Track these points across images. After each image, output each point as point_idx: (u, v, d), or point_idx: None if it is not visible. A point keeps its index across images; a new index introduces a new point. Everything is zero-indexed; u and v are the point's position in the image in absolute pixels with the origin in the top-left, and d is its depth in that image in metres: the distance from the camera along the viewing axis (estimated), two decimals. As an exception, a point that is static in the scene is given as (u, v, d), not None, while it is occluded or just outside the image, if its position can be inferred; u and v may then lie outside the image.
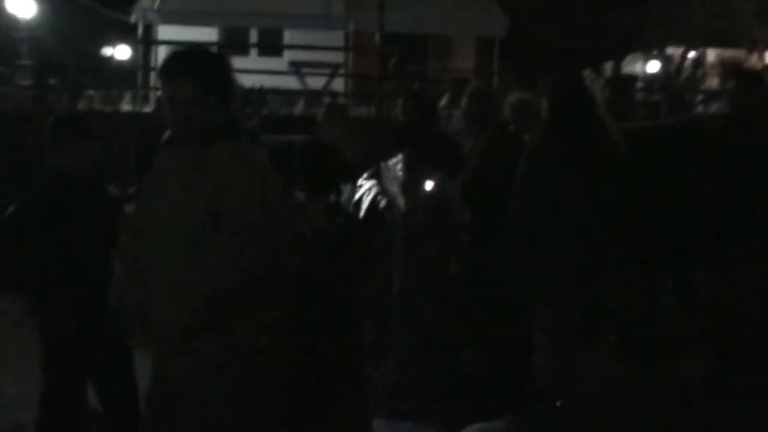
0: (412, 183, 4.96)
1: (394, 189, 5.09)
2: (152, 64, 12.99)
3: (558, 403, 3.91)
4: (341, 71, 12.91)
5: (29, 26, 15.87)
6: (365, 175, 5.25)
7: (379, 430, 4.16)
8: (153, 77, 13.14)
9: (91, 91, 13.09)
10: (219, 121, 2.82)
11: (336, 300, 3.96)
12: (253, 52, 15.27)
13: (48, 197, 3.61)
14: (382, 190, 5.16)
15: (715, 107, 9.02)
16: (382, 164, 5.24)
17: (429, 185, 4.89)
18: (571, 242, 3.99)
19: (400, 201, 5.04)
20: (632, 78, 9.03)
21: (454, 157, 5.03)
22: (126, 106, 12.86)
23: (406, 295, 5.01)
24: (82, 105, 12.59)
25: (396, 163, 5.14)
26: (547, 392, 4.00)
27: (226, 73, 2.91)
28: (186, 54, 2.91)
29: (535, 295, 4.15)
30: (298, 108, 11.83)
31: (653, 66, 16.37)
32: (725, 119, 4.85)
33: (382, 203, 5.11)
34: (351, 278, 4.00)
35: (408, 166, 5.05)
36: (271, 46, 15.06)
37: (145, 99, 12.60)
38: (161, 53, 12.25)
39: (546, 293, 4.09)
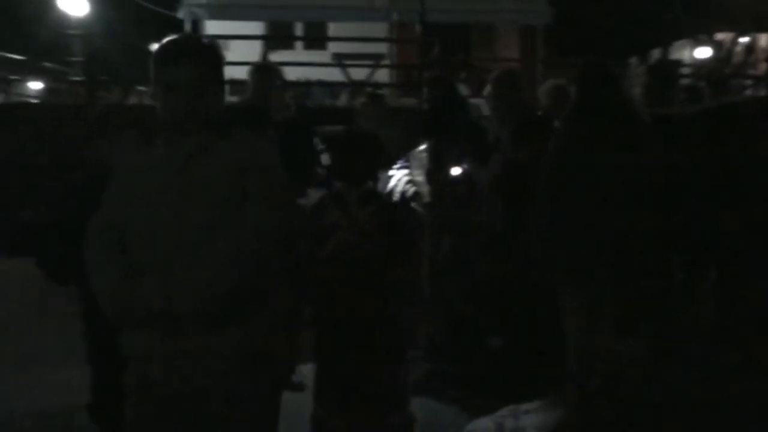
0: (436, 171, 4.99)
1: (420, 178, 5.13)
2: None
3: (590, 386, 3.94)
4: (384, 62, 12.98)
5: (81, 23, 16.21)
6: (397, 165, 5.31)
7: (415, 411, 4.23)
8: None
9: (140, 87, 13.34)
10: (219, 110, 2.77)
11: (372, 285, 4.04)
12: (299, 45, 15.43)
13: (96, 187, 3.73)
14: (411, 179, 5.21)
15: (764, 92, 8.89)
16: (412, 153, 5.29)
17: (455, 172, 4.91)
18: (601, 226, 4.02)
19: (425, 189, 5.08)
20: (675, 63, 8.93)
21: (482, 144, 5.05)
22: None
23: (434, 283, 5.06)
24: (132, 100, 12.86)
25: (422, 152, 5.18)
26: (578, 375, 4.03)
27: (221, 63, 2.86)
28: (185, 40, 2.88)
29: (566, 278, 4.17)
30: (342, 100, 11.93)
31: (703, 52, 16.11)
32: (760, 103, 4.81)
33: (410, 192, 5.16)
34: (386, 264, 4.07)
35: (432, 154, 5.08)
36: (315, 38, 15.19)
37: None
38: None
39: (576, 276, 4.12)
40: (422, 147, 5.22)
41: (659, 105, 4.73)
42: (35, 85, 17.09)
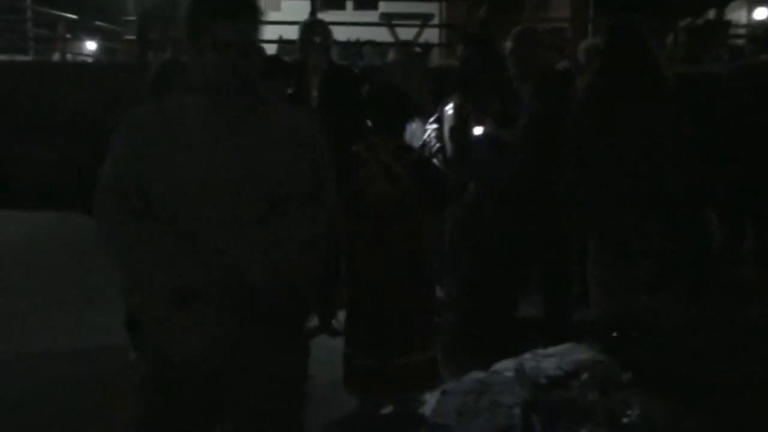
0: (458, 129, 5.04)
1: (447, 134, 5.19)
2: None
3: (614, 334, 4.02)
4: (432, 22, 12.95)
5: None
6: (431, 120, 5.37)
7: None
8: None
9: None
10: (258, 74, 2.60)
11: (404, 235, 4.15)
12: (349, 5, 15.46)
13: None
14: (438, 135, 5.27)
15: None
16: (443, 109, 5.34)
17: (477, 131, 4.95)
18: (628, 175, 4.08)
19: (449, 146, 5.13)
20: (719, 24, 8.76)
21: (508, 102, 5.06)
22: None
23: (451, 241, 5.14)
24: (183, 59, 13.02)
25: (450, 109, 5.23)
26: (602, 323, 4.12)
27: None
28: None
29: (593, 229, 4.25)
30: (390, 58, 11.95)
31: (761, 13, 15.74)
32: None
33: (435, 147, 5.21)
34: (419, 215, 4.18)
35: (457, 111, 5.12)
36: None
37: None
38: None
39: (603, 228, 4.19)
40: (451, 104, 5.27)
41: (697, 63, 4.71)
42: (90, 45, 17.38)
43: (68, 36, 14.51)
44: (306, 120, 2.74)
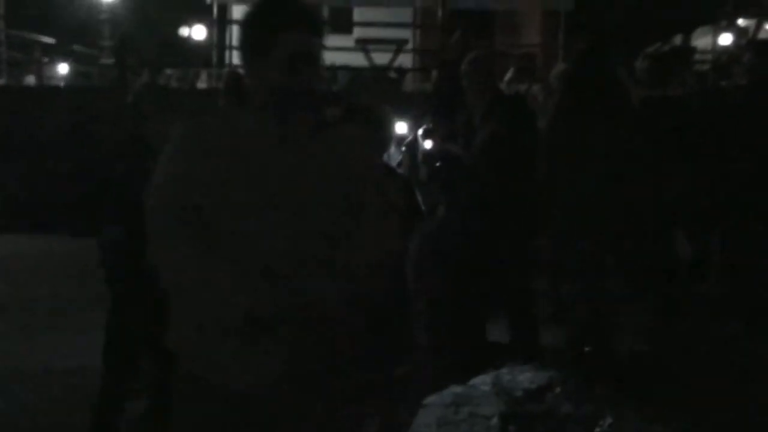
0: (425, 150, 5.20)
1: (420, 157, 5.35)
2: (227, 43, 13.50)
3: (586, 349, 4.18)
4: (407, 47, 13.17)
5: (111, 8, 16.51)
6: (405, 142, 5.52)
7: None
8: (228, 56, 13.65)
9: (168, 70, 13.62)
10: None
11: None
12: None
13: (127, 160, 3.97)
14: (412, 157, 5.42)
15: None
16: (416, 133, 5.50)
17: (428, 145, 5.09)
18: (596, 190, 4.28)
19: (422, 169, 5.29)
20: (686, 50, 9.08)
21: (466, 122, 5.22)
22: (202, 84, 13.38)
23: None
24: (160, 83, 13.14)
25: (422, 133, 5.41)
26: (576, 339, 4.27)
27: None
28: (301, 4, 2.31)
29: (566, 243, 4.45)
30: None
31: (725, 38, 16.11)
32: (743, 89, 5.00)
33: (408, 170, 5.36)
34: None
35: (423, 134, 5.29)
36: (341, 24, 15.39)
37: (219, 78, 13.08)
38: (235, 33, 12.74)
39: (575, 242, 4.39)
40: (424, 127, 5.44)
41: (662, 88, 4.91)
42: (63, 68, 17.43)
43: (45, 60, 14.56)
44: (368, 139, 2.62)
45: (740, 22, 16.15)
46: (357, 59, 12.76)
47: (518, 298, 4.91)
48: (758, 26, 16.68)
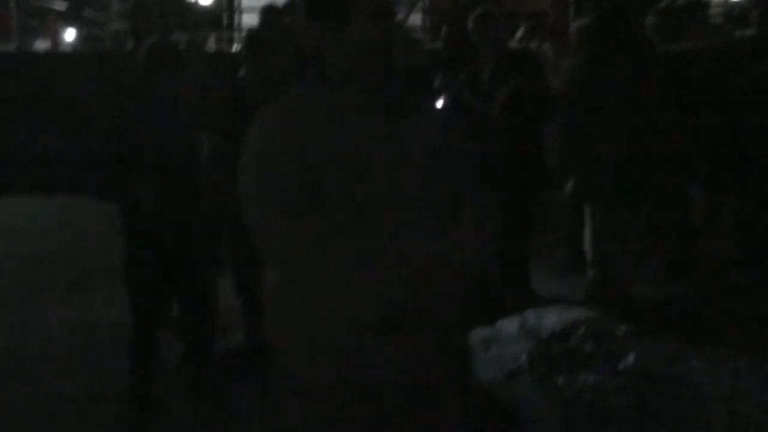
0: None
1: None
2: (236, 7, 13.50)
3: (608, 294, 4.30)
4: (418, 7, 13.15)
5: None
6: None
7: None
8: (237, 19, 13.65)
9: (177, 34, 13.62)
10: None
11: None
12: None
13: (142, 118, 3.91)
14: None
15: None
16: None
17: (439, 103, 5.13)
18: (617, 149, 4.35)
19: None
20: (698, 3, 9.04)
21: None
22: (211, 48, 13.40)
23: None
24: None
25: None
26: (598, 285, 4.42)
27: None
28: None
29: (587, 198, 4.55)
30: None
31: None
32: (754, 41, 4.99)
33: None
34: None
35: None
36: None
37: (230, 41, 13.10)
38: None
39: (597, 196, 4.49)
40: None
41: (677, 41, 4.95)
42: (70, 34, 17.40)
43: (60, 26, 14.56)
44: (457, 123, 2.54)
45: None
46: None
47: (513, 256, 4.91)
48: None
